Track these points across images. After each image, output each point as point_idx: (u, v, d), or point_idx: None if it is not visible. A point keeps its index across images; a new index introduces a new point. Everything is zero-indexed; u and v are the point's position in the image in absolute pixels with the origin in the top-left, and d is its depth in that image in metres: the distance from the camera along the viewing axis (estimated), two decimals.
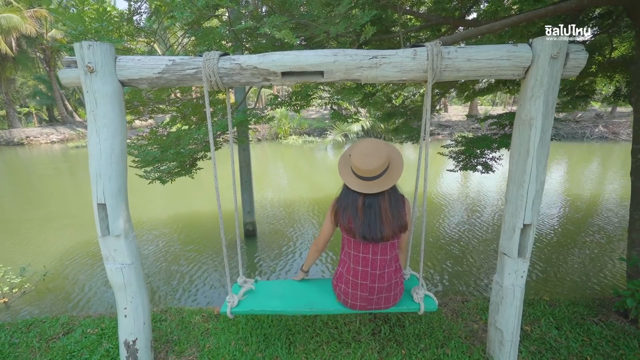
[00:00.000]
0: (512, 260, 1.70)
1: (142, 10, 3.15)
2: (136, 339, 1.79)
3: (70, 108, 25.11)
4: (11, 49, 18.08)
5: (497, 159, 3.93)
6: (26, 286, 3.76)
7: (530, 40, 1.47)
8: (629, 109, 17.76)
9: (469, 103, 22.78)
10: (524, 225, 1.62)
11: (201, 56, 1.50)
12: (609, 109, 19.48)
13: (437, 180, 8.50)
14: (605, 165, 10.33)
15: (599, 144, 15.22)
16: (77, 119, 25.27)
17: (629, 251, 2.37)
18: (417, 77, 1.50)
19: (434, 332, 2.21)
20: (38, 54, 21.61)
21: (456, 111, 23.81)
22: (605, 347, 2.03)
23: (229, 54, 1.53)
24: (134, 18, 3.08)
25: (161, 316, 2.49)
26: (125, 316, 1.75)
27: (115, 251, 1.65)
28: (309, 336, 2.20)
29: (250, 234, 5.07)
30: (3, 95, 21.07)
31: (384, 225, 1.57)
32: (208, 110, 1.57)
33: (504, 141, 3.49)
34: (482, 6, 3.44)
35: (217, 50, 2.48)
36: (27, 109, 26.94)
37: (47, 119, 27.43)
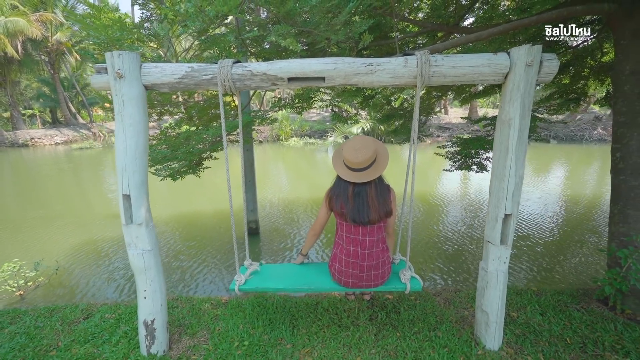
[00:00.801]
0: (496, 248, 1.87)
1: (154, 18, 3.36)
2: (154, 319, 1.97)
3: (73, 110, 25.40)
4: (17, 52, 18.37)
5: (491, 158, 4.09)
6: (40, 280, 3.94)
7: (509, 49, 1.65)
8: None
9: (468, 105, 22.99)
10: (505, 215, 1.79)
11: (216, 63, 1.68)
12: (608, 112, 19.58)
13: (436, 181, 8.67)
14: (603, 168, 10.47)
15: (598, 146, 15.37)
16: (81, 120, 25.58)
17: (609, 243, 2.54)
18: (408, 82, 1.68)
19: (427, 317, 2.39)
20: (42, 56, 21.92)
21: (456, 113, 23.98)
22: (584, 330, 2.20)
23: (240, 62, 1.72)
24: (145, 25, 3.29)
25: (173, 303, 2.67)
26: (145, 298, 1.93)
27: (137, 238, 1.83)
28: (311, 321, 2.37)
29: (253, 231, 5.24)
30: (8, 97, 21.38)
31: (371, 210, 1.81)
32: (222, 112, 1.76)
33: None
34: (479, 12, 3.62)
35: (225, 55, 2.68)
36: (31, 111, 27.23)
37: (51, 120, 27.72)
